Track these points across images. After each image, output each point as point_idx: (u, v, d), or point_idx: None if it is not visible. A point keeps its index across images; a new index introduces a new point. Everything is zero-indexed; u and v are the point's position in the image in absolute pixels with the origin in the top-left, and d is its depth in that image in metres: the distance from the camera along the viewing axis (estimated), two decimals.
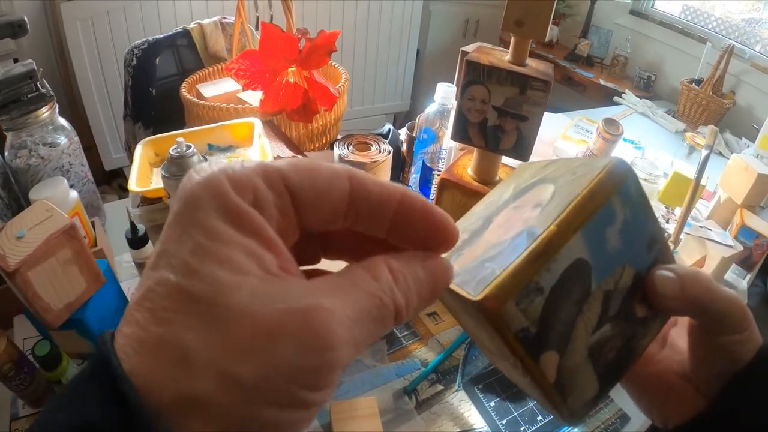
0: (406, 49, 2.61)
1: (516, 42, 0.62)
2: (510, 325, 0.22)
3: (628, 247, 0.26)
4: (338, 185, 0.18)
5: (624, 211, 0.25)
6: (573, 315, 0.24)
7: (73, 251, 0.64)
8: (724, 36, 2.00)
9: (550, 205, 0.25)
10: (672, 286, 0.26)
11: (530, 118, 0.62)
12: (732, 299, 0.27)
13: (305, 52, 1.00)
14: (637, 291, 0.27)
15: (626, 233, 0.25)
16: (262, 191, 0.16)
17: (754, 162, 1.13)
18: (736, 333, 0.27)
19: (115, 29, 1.88)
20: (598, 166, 0.25)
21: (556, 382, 0.25)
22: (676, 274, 0.27)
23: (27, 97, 0.81)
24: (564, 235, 0.23)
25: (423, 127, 0.90)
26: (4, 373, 0.60)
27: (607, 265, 0.25)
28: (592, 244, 0.24)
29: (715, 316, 0.27)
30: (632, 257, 0.26)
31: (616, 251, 0.25)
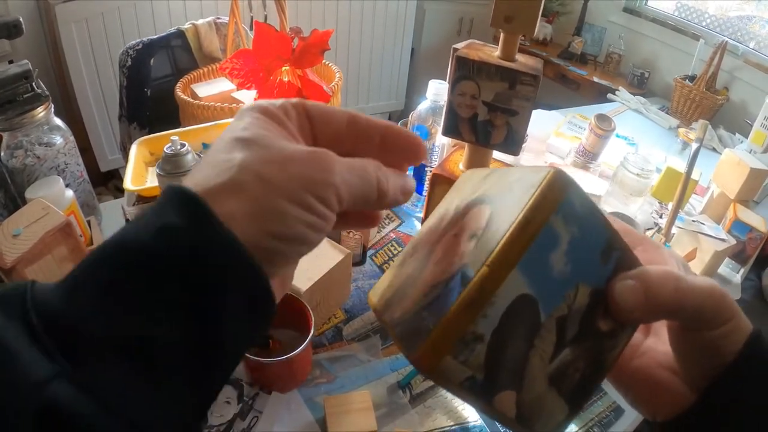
0: (401, 48, 2.62)
1: (505, 38, 0.63)
2: (452, 378, 0.21)
3: (579, 266, 0.24)
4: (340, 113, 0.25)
5: (569, 229, 0.23)
6: (524, 351, 0.23)
7: (69, 248, 0.65)
8: (718, 33, 2.01)
9: (485, 237, 0.23)
10: (634, 297, 0.25)
11: (520, 112, 0.63)
12: (706, 293, 0.25)
13: (298, 51, 1.00)
14: (598, 306, 0.25)
15: (574, 252, 0.23)
16: (288, 108, 0.24)
17: (746, 157, 1.14)
18: (718, 327, 0.25)
19: (109, 30, 1.89)
20: (534, 183, 0.23)
21: (518, 416, 0.23)
22: (637, 281, 0.25)
23: (22, 97, 0.81)
24: (498, 276, 0.21)
25: (415, 124, 0.91)
26: None
27: (556, 293, 0.23)
28: (534, 277, 0.22)
29: (690, 314, 0.25)
30: (586, 275, 0.24)
31: (565, 274, 0.23)
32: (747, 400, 0.26)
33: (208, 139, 0.97)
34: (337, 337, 0.75)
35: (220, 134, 0.24)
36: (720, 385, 0.26)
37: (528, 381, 0.23)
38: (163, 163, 0.74)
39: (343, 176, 0.22)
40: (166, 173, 0.73)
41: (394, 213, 1.02)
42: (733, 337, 0.25)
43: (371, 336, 0.76)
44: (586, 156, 1.17)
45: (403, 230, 0.98)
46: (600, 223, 0.25)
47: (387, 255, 0.91)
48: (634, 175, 1.02)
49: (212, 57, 1.45)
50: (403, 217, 1.01)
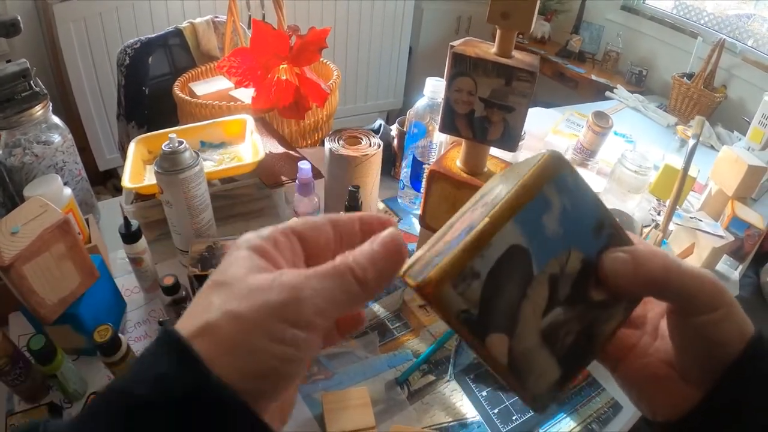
0: (399, 47, 2.61)
1: (501, 34, 0.63)
2: (450, 307, 0.24)
3: (571, 233, 0.27)
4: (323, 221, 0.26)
5: (561, 199, 0.26)
6: (516, 298, 0.25)
7: (67, 246, 0.64)
8: (716, 31, 2.01)
9: (491, 202, 0.26)
10: (623, 266, 0.27)
11: (517, 108, 0.63)
12: (698, 275, 0.26)
13: (296, 49, 1.00)
14: (590, 275, 0.28)
15: (567, 220, 0.26)
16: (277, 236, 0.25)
17: (744, 154, 1.14)
18: (709, 311, 0.26)
19: (107, 30, 1.89)
20: (533, 162, 0.27)
21: (510, 365, 0.25)
22: (628, 254, 0.27)
23: (21, 95, 0.81)
24: (496, 225, 0.24)
25: (413, 122, 0.91)
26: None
27: (548, 250, 0.26)
28: (528, 231, 0.25)
29: (680, 294, 0.26)
30: (577, 242, 0.27)
31: (558, 236, 0.26)
32: (751, 402, 0.26)
33: (207, 137, 0.97)
34: None
35: (216, 133, 0.24)
36: (724, 387, 0.26)
37: (520, 329, 0.26)
38: (161, 160, 0.74)
39: (314, 287, 0.22)
40: (164, 171, 0.73)
41: (393, 211, 1.02)
42: (724, 327, 0.26)
43: (369, 333, 0.76)
44: (584, 153, 1.17)
45: (401, 227, 0.98)
46: (592, 201, 0.28)
47: None
48: (631, 172, 1.03)
49: (210, 56, 1.45)
50: (401, 214, 1.01)
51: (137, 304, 0.80)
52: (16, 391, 0.65)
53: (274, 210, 0.96)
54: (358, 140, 0.81)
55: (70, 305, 0.65)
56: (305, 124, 1.14)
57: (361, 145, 0.80)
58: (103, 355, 0.62)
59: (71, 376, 0.64)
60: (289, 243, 0.25)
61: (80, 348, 0.70)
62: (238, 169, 0.85)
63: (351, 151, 0.77)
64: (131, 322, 0.78)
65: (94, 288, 0.68)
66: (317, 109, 1.13)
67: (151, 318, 0.78)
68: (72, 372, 0.64)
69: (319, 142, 1.21)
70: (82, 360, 0.71)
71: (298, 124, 1.13)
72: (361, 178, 0.78)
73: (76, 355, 0.71)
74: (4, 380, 0.61)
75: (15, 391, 0.64)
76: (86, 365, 0.70)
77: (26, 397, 0.65)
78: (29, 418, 0.63)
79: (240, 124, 0.97)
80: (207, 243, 0.78)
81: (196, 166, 0.74)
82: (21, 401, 0.65)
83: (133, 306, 0.80)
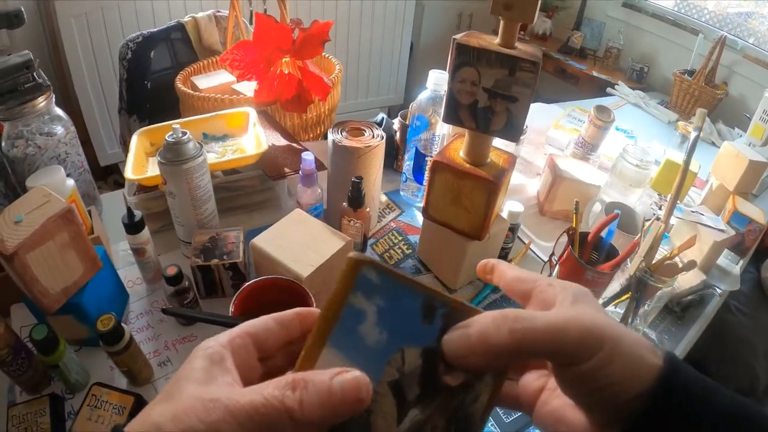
0: (400, 43, 2.62)
1: (504, 25, 0.63)
2: None
3: (397, 332, 0.25)
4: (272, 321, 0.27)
5: (372, 302, 0.25)
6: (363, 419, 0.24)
7: (70, 235, 0.64)
8: (717, 28, 2.01)
9: None
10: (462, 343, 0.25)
11: (520, 99, 0.63)
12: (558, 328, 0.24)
13: (299, 42, 1.00)
14: (438, 364, 0.26)
15: (387, 320, 0.25)
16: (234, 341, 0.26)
17: (745, 149, 1.14)
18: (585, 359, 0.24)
19: (109, 24, 1.89)
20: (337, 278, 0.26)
21: None
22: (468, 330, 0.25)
23: (23, 87, 0.81)
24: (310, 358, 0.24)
25: (416, 114, 0.91)
26: (1, 359, 0.60)
27: (376, 360, 0.25)
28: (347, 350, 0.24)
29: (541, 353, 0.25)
30: (408, 338, 0.25)
31: (383, 341, 0.25)
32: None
33: (209, 130, 0.98)
34: None
35: (218, 125, 0.24)
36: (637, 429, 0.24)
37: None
38: (164, 151, 0.74)
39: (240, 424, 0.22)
40: (168, 161, 0.73)
41: (395, 203, 1.02)
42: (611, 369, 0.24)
43: None
44: (586, 147, 1.17)
45: (403, 220, 0.99)
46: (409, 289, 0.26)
47: (387, 244, 0.92)
48: (633, 166, 1.03)
49: (212, 50, 1.45)
50: (403, 207, 1.02)
51: (139, 296, 0.80)
52: (17, 382, 0.64)
53: (276, 202, 0.96)
54: (362, 132, 0.81)
55: (73, 295, 0.65)
56: (307, 117, 1.14)
57: (364, 137, 0.80)
58: (106, 344, 0.61)
59: (73, 367, 0.64)
60: (244, 344, 0.26)
61: (82, 339, 0.70)
62: (241, 160, 0.85)
63: (354, 143, 0.77)
64: (133, 313, 0.78)
65: (96, 278, 0.68)
66: (319, 102, 1.13)
67: (153, 309, 0.78)
68: (74, 362, 0.64)
69: (321, 135, 1.21)
70: (84, 351, 0.71)
71: (300, 118, 1.13)
72: (365, 170, 0.79)
73: (78, 346, 0.71)
74: (6, 371, 0.61)
75: (17, 381, 0.64)
76: (88, 356, 0.70)
77: (28, 388, 0.65)
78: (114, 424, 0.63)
79: (242, 116, 0.97)
80: (210, 234, 0.78)
81: (200, 156, 0.74)
82: (22, 392, 0.65)
83: (136, 297, 0.80)
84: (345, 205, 0.76)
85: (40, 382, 0.66)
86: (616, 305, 0.81)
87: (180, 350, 0.72)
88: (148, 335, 0.74)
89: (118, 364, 0.65)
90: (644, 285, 0.75)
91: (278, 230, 0.72)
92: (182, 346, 0.73)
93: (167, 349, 0.73)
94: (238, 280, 0.76)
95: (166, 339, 0.74)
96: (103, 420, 0.59)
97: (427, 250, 0.87)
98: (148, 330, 0.75)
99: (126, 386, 0.67)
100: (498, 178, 0.68)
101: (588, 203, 0.97)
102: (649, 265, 0.74)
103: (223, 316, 0.61)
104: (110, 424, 0.58)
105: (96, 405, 0.60)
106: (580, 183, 1.01)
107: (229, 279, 0.76)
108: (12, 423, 0.59)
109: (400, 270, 0.28)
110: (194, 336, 0.74)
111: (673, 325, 0.87)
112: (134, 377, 0.66)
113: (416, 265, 0.89)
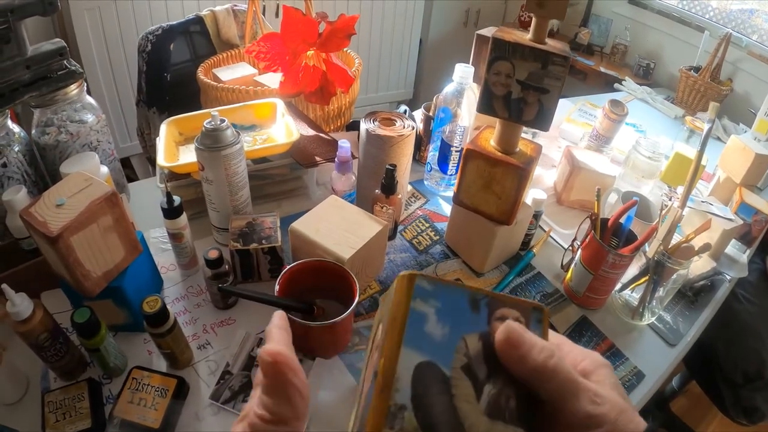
0: (410, 39, 2.64)
1: (537, 22, 0.66)
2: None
3: (455, 325, 0.29)
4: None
5: (430, 305, 0.29)
6: (447, 403, 0.27)
7: (114, 218, 0.64)
8: (721, 25, 2.04)
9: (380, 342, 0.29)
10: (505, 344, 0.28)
11: (551, 91, 0.67)
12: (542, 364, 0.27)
13: (325, 36, 1.03)
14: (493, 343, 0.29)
15: (446, 317, 0.29)
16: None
17: (751, 143, 1.18)
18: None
19: (123, 18, 1.89)
20: (391, 291, 0.30)
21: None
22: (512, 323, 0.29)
23: (56, 74, 0.81)
24: (392, 359, 0.27)
25: (441, 107, 0.94)
26: (40, 343, 0.60)
27: (446, 350, 0.28)
28: (421, 347, 0.28)
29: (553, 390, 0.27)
30: (465, 327, 0.29)
31: (447, 334, 0.29)
32: None
33: (237, 120, 1.00)
34: (373, 307, 0.79)
35: (246, 115, 0.25)
36: None
37: (468, 424, 0.27)
38: (202, 137, 0.75)
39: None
40: (206, 147, 0.74)
41: (420, 192, 1.05)
42: None
43: None
44: (600, 140, 1.20)
45: (429, 207, 1.02)
46: (454, 289, 0.31)
47: (415, 230, 0.95)
48: (645, 157, 1.06)
49: (230, 43, 1.48)
50: (428, 195, 1.05)
51: (173, 281, 0.82)
52: (53, 368, 0.64)
53: (305, 191, 0.99)
54: (392, 122, 0.84)
55: (113, 278, 0.65)
56: (329, 109, 1.17)
57: (396, 126, 0.83)
58: (151, 326, 0.62)
59: (112, 351, 0.64)
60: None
61: (118, 324, 0.71)
62: (275, 148, 0.88)
63: (387, 132, 0.80)
64: (169, 298, 0.79)
65: (135, 263, 0.69)
66: (341, 95, 1.16)
67: (189, 294, 0.80)
68: (113, 346, 0.65)
69: (342, 127, 1.24)
70: (120, 336, 0.71)
71: (322, 110, 1.16)
72: (396, 158, 0.82)
73: (114, 332, 0.71)
74: (43, 356, 0.61)
75: (52, 367, 0.64)
76: (124, 342, 0.70)
77: (63, 374, 0.65)
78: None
79: (270, 107, 1.00)
80: (247, 219, 0.80)
81: (237, 143, 0.76)
82: (57, 379, 0.65)
83: (169, 283, 0.81)
84: (378, 192, 0.79)
85: (76, 368, 0.66)
86: (632, 289, 0.85)
87: (219, 333, 0.74)
88: (185, 319, 0.76)
89: (161, 347, 0.65)
90: (662, 267, 0.78)
91: (316, 215, 0.75)
92: (221, 329, 0.74)
93: (206, 332, 0.74)
94: (276, 265, 0.79)
95: (204, 323, 0.75)
96: (145, 402, 0.59)
97: (456, 235, 0.90)
98: (186, 314, 0.77)
99: (166, 370, 0.67)
100: (527, 165, 0.71)
101: (604, 193, 1.01)
102: (667, 248, 0.78)
103: (271, 295, 0.63)
104: (153, 407, 0.59)
105: (137, 388, 0.61)
106: (597, 173, 1.04)
107: (266, 263, 0.78)
108: (49, 409, 0.59)
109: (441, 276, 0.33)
110: (232, 319, 0.76)
111: (686, 309, 0.91)
112: (176, 360, 0.67)
113: (444, 251, 0.92)
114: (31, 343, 0.60)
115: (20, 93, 0.78)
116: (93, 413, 0.59)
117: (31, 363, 0.65)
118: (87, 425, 0.58)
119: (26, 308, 0.59)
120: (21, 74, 0.78)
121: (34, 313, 0.60)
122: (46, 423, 0.58)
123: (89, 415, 0.59)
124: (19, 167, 0.82)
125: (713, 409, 1.31)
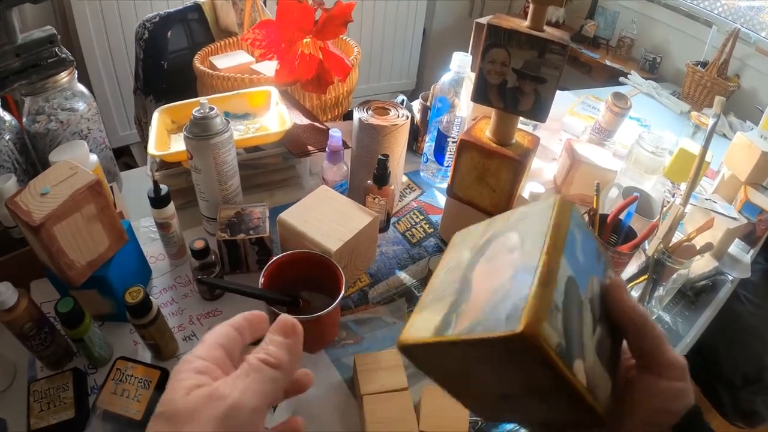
0: (413, 29, 2.61)
1: (535, 8, 0.64)
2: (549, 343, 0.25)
3: (589, 261, 0.31)
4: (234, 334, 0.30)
5: (579, 233, 0.31)
6: (579, 323, 0.28)
7: (97, 207, 0.63)
8: (730, 21, 2.00)
9: (527, 245, 0.29)
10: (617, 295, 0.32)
11: (548, 80, 0.64)
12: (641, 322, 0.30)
13: (321, 23, 1.01)
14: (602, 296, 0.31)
15: (584, 251, 0.30)
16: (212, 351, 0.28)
17: (758, 140, 1.15)
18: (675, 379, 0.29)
19: (122, 6, 1.87)
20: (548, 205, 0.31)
21: (588, 385, 0.27)
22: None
23: (47, 61, 0.80)
24: (555, 260, 0.27)
25: (438, 96, 0.92)
26: (24, 333, 0.60)
27: (583, 278, 0.29)
28: (572, 263, 0.28)
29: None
30: (593, 269, 0.31)
31: (585, 265, 0.30)
32: None
33: (231, 108, 0.98)
34: (362, 301, 0.77)
35: (240, 104, 0.24)
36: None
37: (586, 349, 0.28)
38: (191, 126, 0.74)
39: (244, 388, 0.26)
40: (195, 136, 0.73)
41: (415, 183, 1.03)
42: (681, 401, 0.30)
43: (396, 299, 0.78)
44: (602, 133, 1.18)
45: (424, 199, 1.00)
46: (591, 234, 0.33)
47: (409, 222, 0.93)
48: (648, 152, 1.04)
49: (228, 31, 1.45)
50: (423, 187, 1.03)
51: (161, 271, 0.81)
52: (39, 357, 0.64)
53: (298, 181, 0.97)
54: (387, 111, 0.82)
55: (98, 268, 0.65)
56: (326, 98, 1.15)
57: (389, 116, 0.81)
58: (134, 316, 0.61)
59: (97, 341, 0.64)
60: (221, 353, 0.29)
61: (104, 314, 0.70)
62: (266, 137, 0.86)
63: (381, 121, 0.78)
64: (156, 288, 0.78)
65: (121, 252, 0.68)
66: (338, 84, 1.13)
67: (177, 284, 0.79)
68: (98, 337, 0.64)
69: (340, 117, 1.22)
70: (107, 326, 0.71)
71: (319, 99, 1.14)
72: (389, 148, 0.80)
73: (101, 322, 0.71)
74: (29, 345, 0.61)
75: (39, 357, 0.64)
76: (111, 332, 0.70)
77: (49, 364, 0.65)
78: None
79: (264, 95, 0.98)
80: (235, 209, 0.79)
81: (226, 132, 0.75)
82: (43, 368, 0.65)
83: (157, 273, 0.80)
84: (370, 183, 0.77)
85: (63, 358, 0.66)
86: (631, 288, 0.83)
87: (205, 324, 0.73)
88: (172, 310, 0.75)
89: (144, 338, 0.64)
90: (662, 266, 0.76)
91: (305, 206, 0.73)
92: (207, 321, 0.73)
93: (192, 323, 0.73)
94: (264, 256, 0.77)
95: (191, 313, 0.74)
96: (128, 394, 0.59)
97: (450, 229, 0.88)
98: (173, 305, 0.76)
99: (150, 361, 0.67)
100: (523, 158, 0.69)
101: (605, 188, 0.98)
102: (668, 246, 0.76)
103: (254, 288, 0.62)
104: (135, 398, 0.58)
105: (121, 379, 0.60)
106: (598, 168, 1.02)
107: (254, 254, 0.77)
108: (34, 398, 0.59)
109: None
110: (219, 311, 0.75)
111: (686, 309, 0.88)
112: (160, 351, 0.66)
113: (438, 244, 0.90)
114: (16, 332, 0.60)
115: (10, 81, 0.77)
116: (77, 403, 0.59)
117: (18, 352, 0.65)
118: (70, 415, 0.58)
119: (10, 297, 0.58)
120: (11, 62, 0.77)
121: (19, 302, 0.59)
122: (30, 412, 0.58)
123: (73, 405, 0.59)
124: (9, 155, 0.81)
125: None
